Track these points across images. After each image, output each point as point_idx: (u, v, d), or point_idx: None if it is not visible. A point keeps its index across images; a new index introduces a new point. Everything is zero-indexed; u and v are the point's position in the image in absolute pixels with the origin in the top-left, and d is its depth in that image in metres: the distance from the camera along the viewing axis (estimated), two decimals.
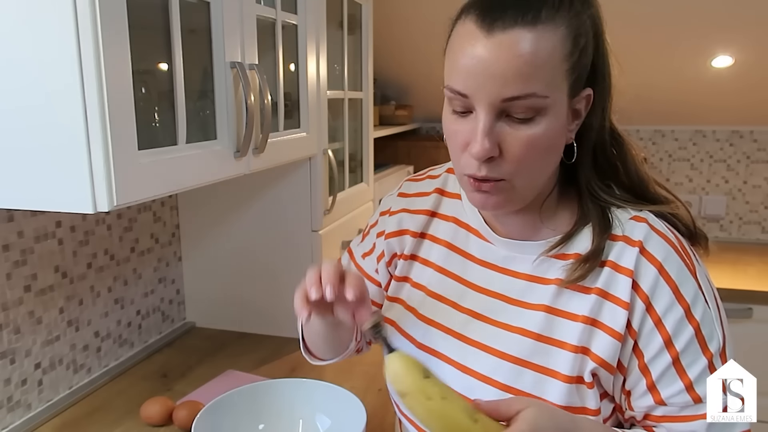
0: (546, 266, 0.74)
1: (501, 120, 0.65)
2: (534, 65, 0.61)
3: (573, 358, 0.70)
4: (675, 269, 0.68)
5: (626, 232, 0.71)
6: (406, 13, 2.13)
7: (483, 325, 0.77)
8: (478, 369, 0.75)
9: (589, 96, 0.69)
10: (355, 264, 0.95)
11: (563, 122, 0.67)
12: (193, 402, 1.12)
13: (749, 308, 2.05)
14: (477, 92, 0.63)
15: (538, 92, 0.62)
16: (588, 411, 0.70)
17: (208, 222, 1.56)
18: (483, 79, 0.63)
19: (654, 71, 2.20)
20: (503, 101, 0.63)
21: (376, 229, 0.92)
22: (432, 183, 0.88)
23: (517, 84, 0.62)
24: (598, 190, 0.73)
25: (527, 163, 0.66)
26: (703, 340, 0.67)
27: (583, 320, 0.70)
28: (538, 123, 0.64)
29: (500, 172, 0.66)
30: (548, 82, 0.63)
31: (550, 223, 0.76)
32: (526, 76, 0.61)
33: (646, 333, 0.68)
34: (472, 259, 0.81)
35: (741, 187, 2.61)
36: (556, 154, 0.70)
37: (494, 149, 0.65)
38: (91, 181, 0.75)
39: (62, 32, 0.72)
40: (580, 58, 0.65)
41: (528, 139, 0.64)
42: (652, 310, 0.68)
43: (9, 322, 1.09)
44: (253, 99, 1.04)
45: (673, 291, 0.68)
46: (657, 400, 0.68)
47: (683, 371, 0.67)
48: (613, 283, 0.69)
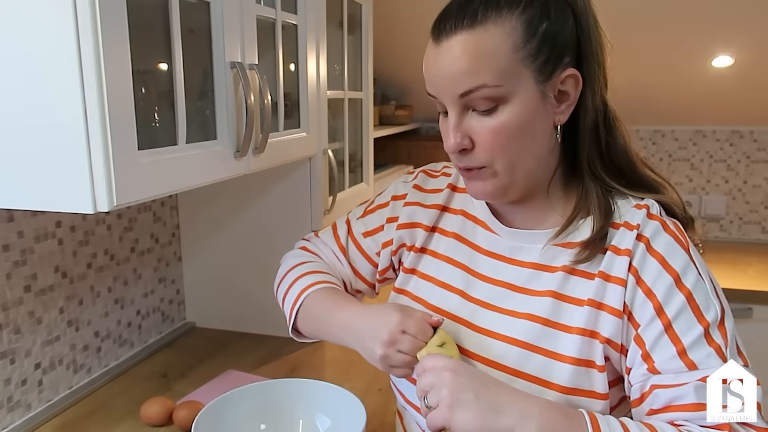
0: (552, 254, 0.77)
1: (468, 114, 0.72)
2: (477, 60, 0.68)
3: (580, 342, 0.72)
4: (662, 243, 0.71)
5: (627, 219, 0.74)
6: (406, 13, 2.13)
7: (491, 313, 0.79)
8: (487, 355, 0.77)
9: (576, 76, 0.71)
10: (353, 239, 0.97)
11: (535, 107, 0.70)
12: (193, 402, 1.12)
13: (749, 308, 2.05)
14: (439, 92, 0.73)
15: (488, 83, 0.68)
16: (596, 395, 0.71)
17: (208, 222, 1.56)
18: (440, 82, 0.72)
19: (654, 71, 2.20)
20: (460, 97, 0.70)
21: (386, 212, 0.94)
22: (446, 180, 0.92)
23: (465, 79, 0.69)
24: (600, 170, 0.76)
25: (499, 149, 0.71)
26: (697, 308, 0.68)
27: (589, 303, 0.72)
28: (501, 112, 0.70)
29: (477, 160, 0.73)
30: (497, 72, 0.68)
31: (559, 209, 0.78)
32: (471, 71, 0.68)
33: (639, 305, 0.70)
34: (479, 250, 0.83)
35: (741, 187, 2.61)
36: (535, 137, 0.72)
37: (465, 141, 0.72)
38: (91, 181, 0.75)
39: (62, 32, 0.72)
40: (544, 42, 0.68)
41: (493, 127, 0.70)
42: (642, 282, 0.70)
43: (9, 322, 1.09)
44: (253, 99, 1.04)
45: (660, 262, 0.70)
46: (650, 368, 0.69)
47: (676, 337, 0.68)
48: (613, 264, 0.72)
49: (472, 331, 0.79)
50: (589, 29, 0.72)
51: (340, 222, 1.01)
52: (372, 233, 0.95)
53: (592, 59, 0.72)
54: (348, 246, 0.98)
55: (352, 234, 0.98)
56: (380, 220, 0.94)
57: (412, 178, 0.95)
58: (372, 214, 0.96)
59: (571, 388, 0.71)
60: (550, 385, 0.72)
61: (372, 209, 0.97)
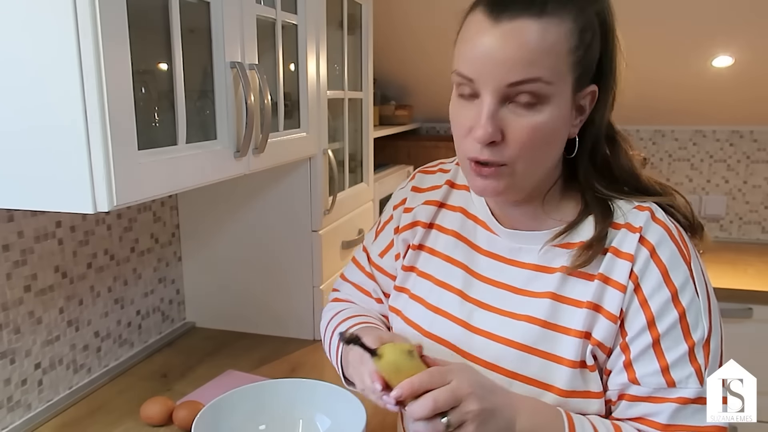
0: (551, 255, 0.76)
1: (505, 106, 0.67)
2: (539, 52, 0.64)
3: (577, 344, 0.71)
4: (667, 254, 0.70)
5: (629, 220, 0.73)
6: (405, 13, 2.13)
7: (489, 314, 0.78)
8: (484, 357, 0.77)
9: (594, 93, 0.71)
10: (374, 266, 0.96)
11: (566, 115, 0.69)
12: (193, 402, 1.12)
13: (749, 308, 2.05)
14: (483, 76, 0.66)
15: (543, 77, 0.65)
16: (592, 394, 0.72)
17: (208, 222, 1.56)
18: (489, 65, 0.65)
19: (654, 71, 2.20)
20: (508, 86, 0.65)
21: (391, 224, 0.93)
22: (443, 176, 0.91)
23: (522, 69, 0.64)
24: (596, 185, 0.75)
25: (528, 149, 0.68)
26: (686, 327, 0.68)
27: (587, 306, 0.72)
28: (541, 111, 0.66)
29: (502, 156, 0.69)
30: (553, 70, 0.65)
31: (554, 214, 0.77)
32: (530, 62, 0.64)
33: (632, 312, 0.70)
34: (478, 250, 0.83)
35: (741, 187, 2.61)
36: (557, 145, 0.71)
37: (496, 134, 0.67)
38: (91, 181, 0.75)
39: (62, 32, 0.72)
40: (586, 53, 0.67)
41: (531, 125, 0.67)
42: (640, 291, 0.70)
43: (9, 322, 1.09)
44: (253, 99, 1.04)
45: (662, 273, 0.69)
46: (631, 378, 0.69)
47: (662, 353, 0.68)
48: (614, 268, 0.71)
49: (469, 332, 0.79)
50: (614, 50, 0.71)
51: (358, 253, 1.00)
52: (386, 250, 0.94)
53: (611, 78, 0.71)
54: (373, 272, 0.97)
55: (371, 260, 0.97)
56: (390, 234, 0.94)
57: (409, 180, 0.94)
58: (382, 232, 0.95)
59: (570, 391, 0.71)
60: (549, 388, 0.72)
61: (381, 228, 0.96)
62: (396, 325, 0.87)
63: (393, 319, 0.88)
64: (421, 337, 0.82)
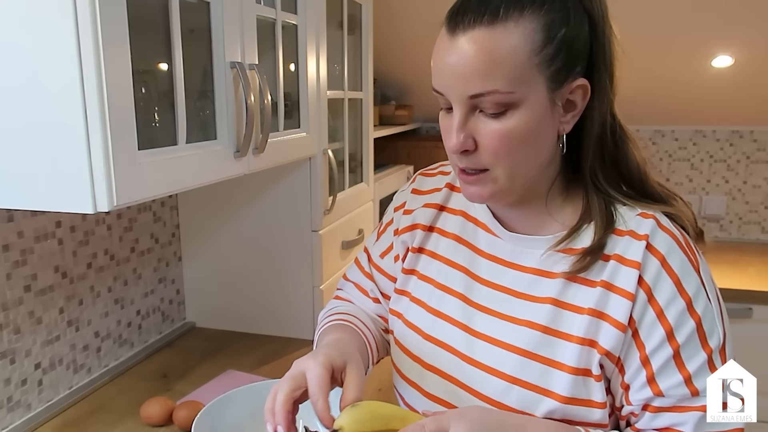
0: (553, 260, 0.75)
1: (475, 114, 0.69)
2: (492, 63, 0.65)
3: (579, 351, 0.71)
4: (678, 263, 0.69)
5: (632, 227, 0.72)
6: (406, 13, 2.13)
7: (490, 317, 0.78)
8: (485, 361, 0.76)
9: (584, 86, 0.69)
10: (373, 266, 0.96)
11: (543, 115, 0.68)
12: (193, 402, 1.12)
13: (749, 308, 2.05)
14: (448, 90, 0.69)
15: (500, 89, 0.65)
16: (594, 404, 0.71)
17: (208, 222, 1.56)
18: (451, 79, 0.68)
19: (654, 71, 2.20)
20: (470, 98, 0.67)
21: (392, 226, 0.94)
22: (443, 179, 0.91)
23: (478, 82, 0.66)
24: (603, 182, 0.74)
25: (503, 154, 0.69)
26: (703, 335, 0.68)
27: (589, 312, 0.71)
28: (510, 117, 0.67)
29: (478, 162, 0.70)
30: (512, 78, 0.65)
31: (558, 217, 0.77)
32: (485, 73, 0.65)
33: (648, 324, 0.69)
34: (480, 253, 0.82)
35: (741, 187, 2.61)
36: (539, 146, 0.71)
37: (468, 142, 0.69)
38: (91, 181, 0.75)
39: (62, 32, 0.72)
40: (561, 49, 0.66)
41: (499, 132, 0.68)
42: (654, 302, 0.69)
43: (9, 322, 1.09)
44: (253, 99, 1.04)
45: (675, 284, 0.69)
46: (656, 392, 0.69)
47: (682, 364, 0.68)
48: (619, 275, 0.70)
49: (470, 336, 0.78)
50: (605, 39, 0.69)
51: (360, 254, 1.01)
52: (387, 252, 0.94)
53: (604, 70, 0.70)
54: (372, 272, 0.97)
55: (371, 260, 0.97)
56: (390, 236, 0.94)
57: (410, 183, 0.94)
58: (383, 234, 0.95)
59: (569, 398, 0.70)
60: (549, 394, 0.71)
61: (382, 230, 0.96)
62: (397, 328, 0.87)
63: (394, 322, 0.88)
64: (422, 340, 0.82)
